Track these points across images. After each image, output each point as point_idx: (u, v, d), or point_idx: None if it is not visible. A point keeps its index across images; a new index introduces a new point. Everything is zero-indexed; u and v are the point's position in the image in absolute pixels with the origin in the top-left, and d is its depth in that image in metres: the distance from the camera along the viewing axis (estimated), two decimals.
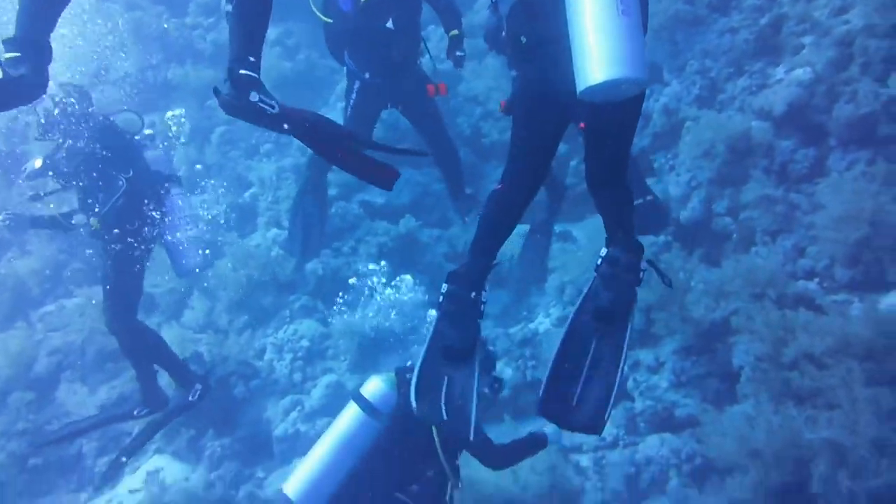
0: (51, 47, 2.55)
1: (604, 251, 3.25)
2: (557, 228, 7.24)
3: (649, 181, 6.51)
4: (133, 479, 5.61)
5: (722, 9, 7.06)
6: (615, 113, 2.96)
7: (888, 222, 5.47)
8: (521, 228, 6.70)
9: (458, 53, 5.92)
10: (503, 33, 3.35)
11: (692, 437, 5.63)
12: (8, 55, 2.44)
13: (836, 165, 6.03)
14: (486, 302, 3.21)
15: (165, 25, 9.86)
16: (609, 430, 5.99)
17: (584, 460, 5.92)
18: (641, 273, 3.17)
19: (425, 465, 4.13)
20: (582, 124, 3.37)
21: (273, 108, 2.45)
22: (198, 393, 5.62)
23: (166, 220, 5.42)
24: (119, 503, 6.45)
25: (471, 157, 7.97)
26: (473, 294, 3.13)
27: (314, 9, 5.55)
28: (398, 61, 5.82)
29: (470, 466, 6.00)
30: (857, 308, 5.36)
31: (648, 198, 5.80)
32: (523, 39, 3.10)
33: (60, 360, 7.64)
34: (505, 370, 6.37)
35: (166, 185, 5.49)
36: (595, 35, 2.65)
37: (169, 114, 6.83)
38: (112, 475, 5.81)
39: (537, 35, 3.06)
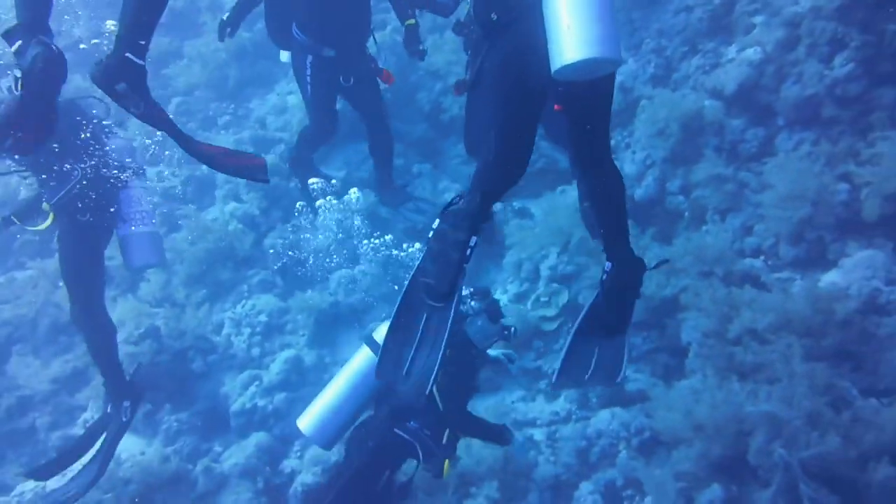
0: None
1: (607, 265, 3.37)
2: (515, 205, 7.32)
3: None
4: (87, 454, 5.57)
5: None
6: (590, 91, 3.00)
7: (830, 202, 5.64)
8: None
9: (420, 48, 5.89)
10: (469, 10, 3.33)
11: (641, 412, 5.80)
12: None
13: (784, 145, 6.18)
14: (475, 247, 3.11)
15: None
16: (563, 405, 6.16)
17: (538, 434, 6.06)
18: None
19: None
20: (557, 106, 3.37)
21: (138, 107, 2.45)
22: (128, 411, 5.47)
23: (120, 213, 5.32)
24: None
25: (430, 132, 7.96)
26: (463, 236, 3.04)
27: None
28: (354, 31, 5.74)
29: None
30: (798, 285, 5.54)
31: None
32: (494, 16, 3.07)
33: (11, 332, 7.53)
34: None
35: (126, 176, 5.38)
36: (570, 14, 2.65)
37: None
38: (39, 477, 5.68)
39: (510, 11, 3.03)
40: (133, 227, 5.40)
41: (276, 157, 7.73)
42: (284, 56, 6.06)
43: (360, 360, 4.42)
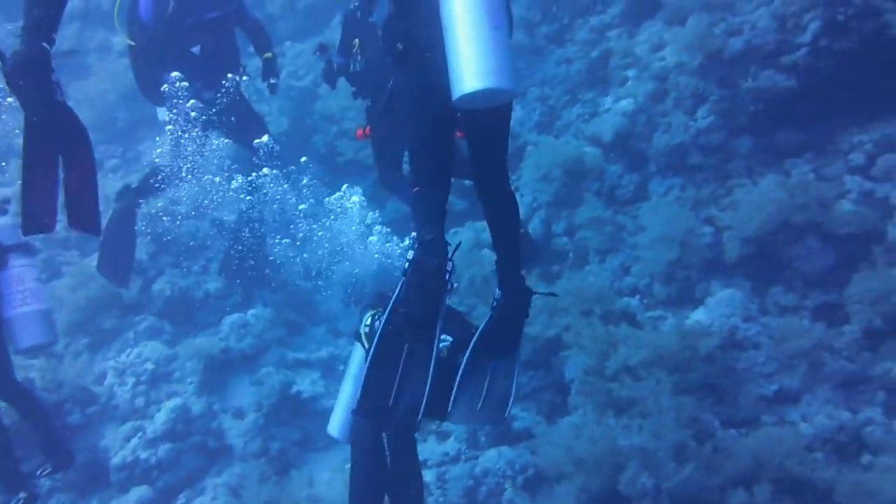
0: None
1: (498, 293, 3.52)
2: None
3: None
4: None
5: (558, 41, 7.52)
6: (488, 119, 3.19)
7: (696, 244, 6.03)
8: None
9: (271, 81, 5.98)
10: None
11: (527, 449, 5.91)
12: None
13: (656, 189, 6.58)
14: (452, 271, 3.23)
15: None
16: (453, 445, 6.22)
17: (429, 475, 6.08)
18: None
19: None
20: (460, 133, 3.58)
21: (62, 95, 2.43)
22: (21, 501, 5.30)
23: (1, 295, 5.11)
24: None
25: (326, 175, 8.02)
26: (438, 263, 3.13)
27: (119, 29, 5.41)
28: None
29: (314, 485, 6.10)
30: (669, 323, 5.85)
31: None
32: (400, 46, 3.21)
33: None
34: None
35: (6, 257, 5.18)
36: (469, 47, 2.82)
37: None
38: None
39: (414, 43, 3.18)
40: (17, 308, 5.17)
41: (166, 200, 7.60)
42: (162, 114, 5.99)
43: (359, 358, 4.39)
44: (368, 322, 4.23)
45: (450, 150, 3.44)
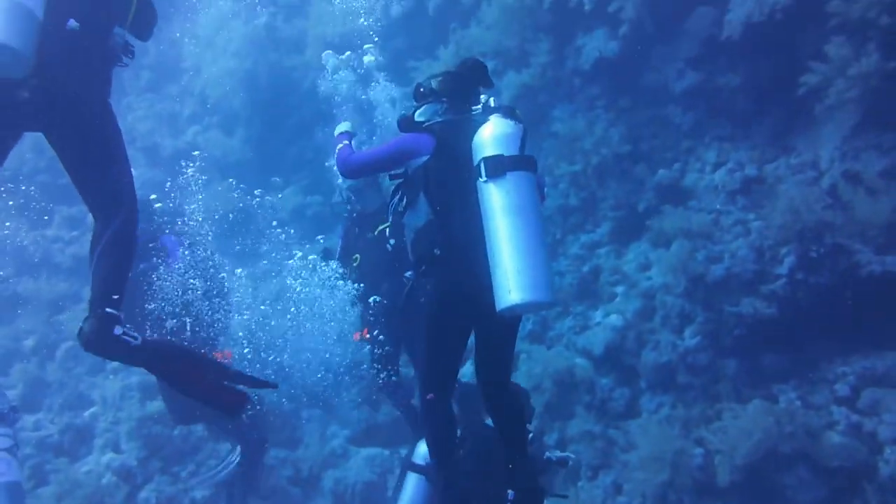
0: None
1: (510, 493, 3.55)
2: (403, 451, 7.40)
3: None
4: None
5: (551, 254, 7.89)
6: (507, 322, 3.30)
7: (688, 465, 6.00)
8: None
9: None
10: (410, 245, 3.63)
11: None
12: None
13: (647, 405, 6.63)
14: None
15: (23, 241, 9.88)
16: None
17: None
18: None
19: None
20: None
21: (136, 338, 2.60)
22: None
23: None
24: None
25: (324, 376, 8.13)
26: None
27: None
28: None
29: None
30: None
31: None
32: (437, 251, 3.36)
33: None
34: None
35: None
36: (517, 261, 2.98)
37: None
38: None
39: (453, 249, 3.33)
40: None
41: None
42: None
43: (412, 486, 4.45)
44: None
45: (459, 361, 3.61)
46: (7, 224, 9.65)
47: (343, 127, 4.09)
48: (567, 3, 8.01)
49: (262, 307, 8.58)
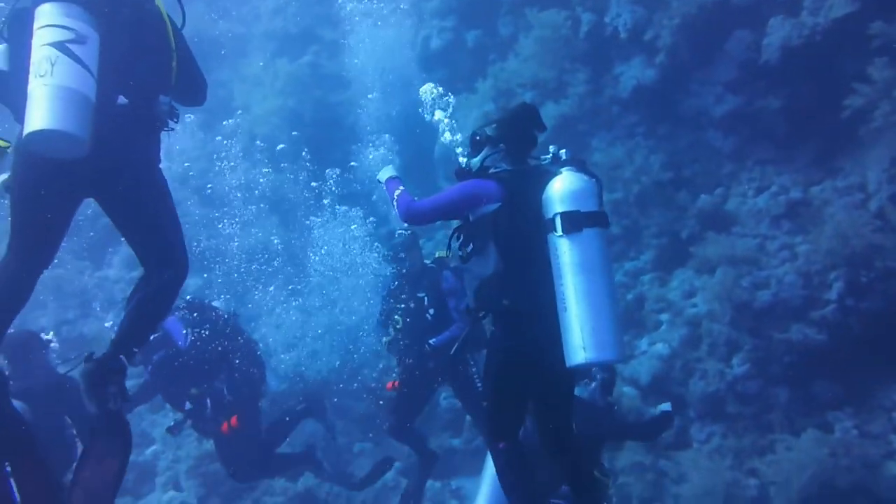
0: None
1: None
2: (453, 484, 7.46)
3: None
4: None
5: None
6: (567, 380, 3.36)
7: (741, 496, 5.90)
8: None
9: None
10: (474, 291, 3.65)
11: None
12: None
13: (697, 436, 6.54)
14: None
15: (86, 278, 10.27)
16: None
17: None
18: None
19: None
20: None
21: (116, 404, 2.71)
22: None
23: None
24: None
25: (373, 409, 8.20)
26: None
27: None
28: None
29: None
30: None
31: None
32: (506, 302, 3.33)
33: None
34: None
35: None
36: (591, 320, 2.97)
37: None
38: None
39: (524, 301, 3.31)
40: None
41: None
42: None
43: None
44: None
45: (526, 406, 3.55)
46: (68, 267, 10.05)
47: (388, 172, 3.95)
48: (603, 33, 8.08)
49: (310, 339, 8.78)
